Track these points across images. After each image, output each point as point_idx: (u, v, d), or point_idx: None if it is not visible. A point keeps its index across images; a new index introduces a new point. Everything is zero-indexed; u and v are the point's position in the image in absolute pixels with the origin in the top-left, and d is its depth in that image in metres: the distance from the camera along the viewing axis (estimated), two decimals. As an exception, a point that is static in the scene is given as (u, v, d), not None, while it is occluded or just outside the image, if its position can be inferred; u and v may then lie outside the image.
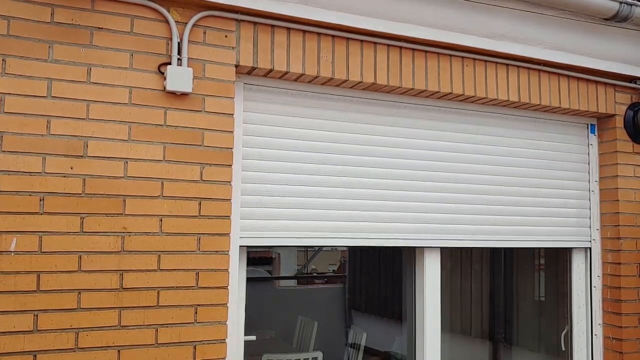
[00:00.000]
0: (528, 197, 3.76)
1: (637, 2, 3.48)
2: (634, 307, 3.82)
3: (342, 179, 3.23)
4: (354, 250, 8.64)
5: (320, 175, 3.17)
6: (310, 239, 3.17)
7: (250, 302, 3.10)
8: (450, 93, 3.39)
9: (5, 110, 2.44)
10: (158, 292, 2.64)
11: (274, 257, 14.57)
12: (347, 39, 3.13)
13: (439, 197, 3.48)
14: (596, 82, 3.84)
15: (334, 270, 13.42)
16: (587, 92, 3.81)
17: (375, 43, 3.20)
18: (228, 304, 2.79)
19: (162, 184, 2.68)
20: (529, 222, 3.75)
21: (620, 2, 3.42)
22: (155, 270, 2.64)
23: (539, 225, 3.78)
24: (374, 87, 3.26)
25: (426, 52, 3.32)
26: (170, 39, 2.74)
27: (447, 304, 3.60)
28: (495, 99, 3.52)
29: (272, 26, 2.96)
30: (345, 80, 3.14)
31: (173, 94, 2.73)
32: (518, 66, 3.58)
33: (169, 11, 2.74)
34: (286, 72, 3.00)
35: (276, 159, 3.08)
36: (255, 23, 2.92)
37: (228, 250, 2.79)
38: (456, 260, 5.23)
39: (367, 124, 3.33)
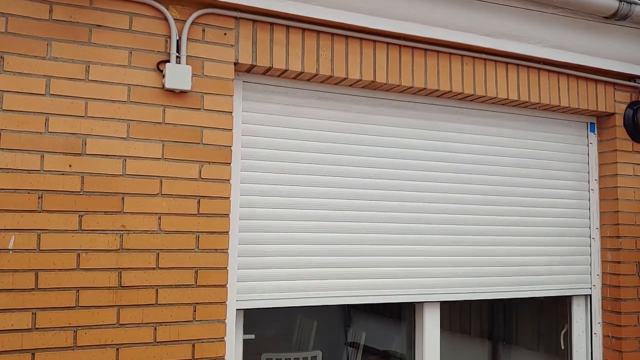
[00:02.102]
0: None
1: (637, 0, 3.47)
2: (634, 306, 3.82)
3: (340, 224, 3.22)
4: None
5: (314, 233, 3.15)
6: (309, 299, 3.12)
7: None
8: (449, 91, 3.38)
9: (3, 108, 2.43)
10: (157, 290, 2.63)
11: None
12: (346, 37, 3.12)
13: (437, 245, 3.46)
14: (596, 80, 3.84)
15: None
16: (586, 90, 3.81)
17: (374, 41, 3.19)
18: (227, 303, 2.79)
19: (161, 182, 2.67)
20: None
21: (620, 1, 3.41)
22: (154, 269, 2.63)
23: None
24: (373, 85, 3.25)
25: (426, 50, 3.32)
26: (169, 36, 2.73)
27: (445, 302, 3.58)
28: (495, 97, 3.52)
29: (271, 24, 2.95)
30: (345, 78, 3.13)
31: (172, 91, 2.72)
32: (518, 64, 3.58)
33: (167, 9, 2.74)
34: (285, 70, 2.99)
35: (274, 206, 3.08)
36: (254, 21, 2.91)
37: (227, 249, 2.78)
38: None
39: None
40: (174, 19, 2.74)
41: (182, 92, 2.74)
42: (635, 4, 3.46)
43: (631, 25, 3.66)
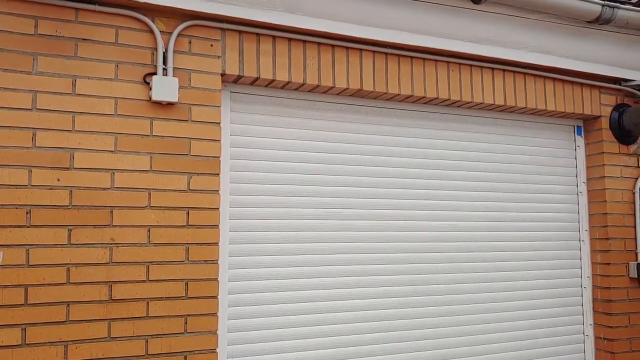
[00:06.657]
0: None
1: (619, 4, 3.51)
2: (624, 307, 3.84)
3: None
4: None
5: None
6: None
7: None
8: (436, 98, 3.40)
9: (-10, 124, 2.43)
10: (147, 303, 2.63)
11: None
12: (333, 46, 3.14)
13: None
14: (581, 84, 3.87)
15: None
16: (572, 94, 3.84)
17: (361, 50, 3.21)
18: (218, 314, 2.78)
19: (150, 194, 2.67)
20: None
21: (603, 5, 3.45)
22: (144, 281, 2.63)
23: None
24: (360, 94, 3.27)
25: (412, 57, 3.34)
26: (156, 48, 2.74)
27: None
28: (482, 103, 3.54)
29: (258, 34, 2.96)
30: (332, 87, 3.14)
31: (159, 103, 2.72)
32: (503, 70, 3.60)
33: (153, 21, 2.74)
34: (272, 80, 3.00)
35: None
36: (240, 32, 2.92)
37: (217, 260, 2.78)
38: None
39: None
40: (160, 31, 2.75)
41: (169, 104, 2.74)
42: (618, 8, 3.49)
43: (614, 30, 3.69)
